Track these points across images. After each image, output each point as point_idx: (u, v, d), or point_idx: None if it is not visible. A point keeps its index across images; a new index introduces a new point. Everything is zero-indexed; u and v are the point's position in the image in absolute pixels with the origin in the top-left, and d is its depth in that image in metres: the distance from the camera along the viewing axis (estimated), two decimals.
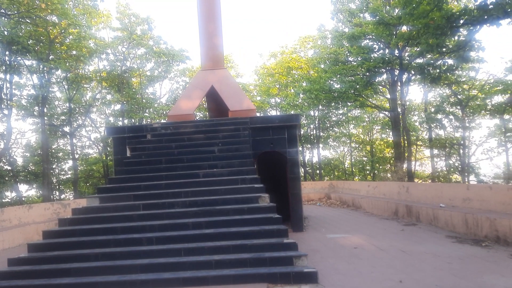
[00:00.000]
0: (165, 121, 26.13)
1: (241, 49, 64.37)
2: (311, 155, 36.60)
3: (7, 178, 23.56)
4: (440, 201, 11.94)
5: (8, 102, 22.72)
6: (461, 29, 16.82)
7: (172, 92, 35.63)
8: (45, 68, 23.94)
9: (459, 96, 25.84)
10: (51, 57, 23.69)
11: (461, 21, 15.09)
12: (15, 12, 19.44)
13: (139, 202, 8.76)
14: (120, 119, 31.37)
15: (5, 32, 19.97)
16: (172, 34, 69.48)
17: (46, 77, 24.63)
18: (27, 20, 20.73)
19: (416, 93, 75.83)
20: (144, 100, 32.29)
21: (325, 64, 29.82)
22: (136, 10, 32.33)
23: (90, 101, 30.54)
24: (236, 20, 72.77)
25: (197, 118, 27.07)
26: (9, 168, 24.76)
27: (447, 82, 24.35)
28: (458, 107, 26.29)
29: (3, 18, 19.88)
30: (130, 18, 30.15)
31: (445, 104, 26.62)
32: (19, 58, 22.76)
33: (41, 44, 23.31)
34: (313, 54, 35.04)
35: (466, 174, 26.15)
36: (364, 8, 27.15)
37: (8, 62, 22.01)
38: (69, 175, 31.55)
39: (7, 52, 21.42)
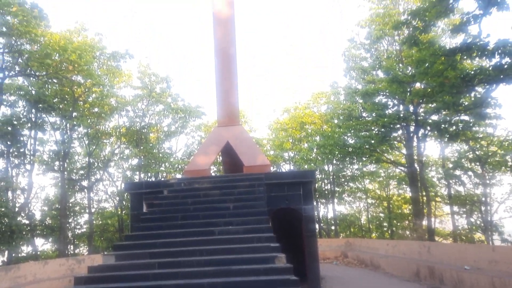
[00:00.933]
0: (181, 176, 26.36)
1: (255, 102, 65.86)
2: (326, 210, 35.99)
3: (24, 233, 23.68)
4: (464, 263, 11.48)
5: (31, 157, 23.41)
6: (476, 87, 16.97)
7: (188, 147, 36.17)
8: (68, 125, 24.86)
9: (477, 152, 25.56)
10: (74, 114, 24.67)
11: (477, 80, 15.25)
12: (44, 73, 20.60)
13: (154, 260, 8.68)
14: (137, 173, 31.77)
15: (33, 92, 21.05)
16: (189, 88, 72.08)
17: (69, 133, 25.52)
18: (54, 80, 21.90)
19: (433, 148, 75.39)
20: (160, 155, 32.83)
21: (339, 119, 30.12)
22: (156, 70, 34.30)
23: (109, 155, 31.20)
24: (250, 74, 75.28)
25: (212, 172, 27.24)
26: (27, 222, 24.98)
27: (464, 138, 24.20)
28: (477, 163, 25.91)
29: (32, 78, 21.05)
30: (150, 77, 31.45)
31: (463, 160, 26.29)
32: (44, 115, 23.78)
33: (65, 102, 24.40)
34: (326, 109, 35.54)
35: (489, 233, 25.20)
36: (377, 66, 27.78)
37: (33, 120, 22.97)
38: (85, 229, 31.53)
39: (33, 110, 22.43)
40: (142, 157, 30.66)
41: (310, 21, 75.95)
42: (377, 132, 25.94)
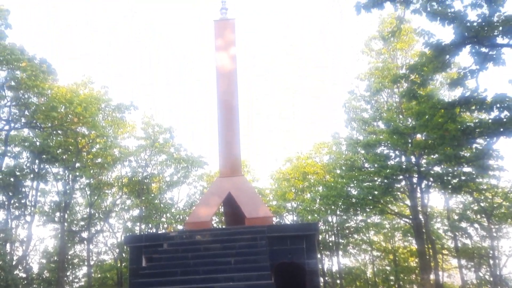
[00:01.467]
0: (182, 227, 25.97)
1: (257, 154, 66.28)
2: (330, 263, 34.96)
3: (20, 287, 22.94)
4: None
5: (32, 208, 23.29)
6: (477, 139, 17.02)
7: (190, 197, 35.79)
8: (70, 176, 24.91)
9: (482, 204, 25.22)
10: (77, 165, 24.80)
11: (477, 133, 15.30)
12: (49, 125, 20.98)
13: None
14: (138, 224, 31.32)
15: (37, 143, 21.34)
16: (191, 138, 72.79)
17: (71, 184, 25.51)
18: (58, 131, 22.27)
19: (437, 199, 74.39)
20: (162, 205, 32.53)
21: (341, 169, 30.06)
22: (160, 121, 34.71)
23: (110, 206, 30.95)
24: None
25: (213, 223, 26.87)
26: (24, 275, 24.30)
27: (468, 190, 23.98)
28: (483, 215, 25.49)
29: (37, 130, 21.42)
30: (154, 128, 31.83)
31: (468, 211, 25.90)
32: (47, 166, 23.91)
33: (69, 153, 24.63)
34: (329, 159, 35.57)
35: (499, 287, 24.29)
36: (378, 118, 28.10)
37: (36, 170, 23.08)
38: (83, 283, 30.64)
39: (36, 161, 22.59)
40: (143, 207, 30.39)
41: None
42: (380, 183, 25.78)
